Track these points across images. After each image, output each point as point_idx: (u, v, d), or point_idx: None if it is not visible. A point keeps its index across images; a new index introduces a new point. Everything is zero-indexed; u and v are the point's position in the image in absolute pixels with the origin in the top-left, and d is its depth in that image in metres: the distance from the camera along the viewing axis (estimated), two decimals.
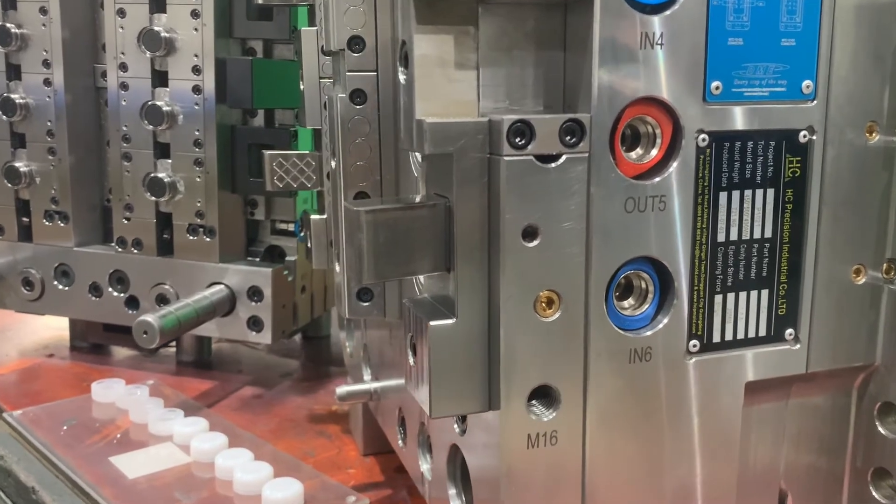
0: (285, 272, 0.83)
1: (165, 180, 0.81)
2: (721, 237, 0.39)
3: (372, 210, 0.34)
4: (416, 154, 0.45)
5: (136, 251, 0.84)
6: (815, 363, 0.41)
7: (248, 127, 0.81)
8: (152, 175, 0.81)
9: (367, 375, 0.65)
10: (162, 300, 0.83)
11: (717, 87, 0.37)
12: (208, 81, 0.78)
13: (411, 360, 0.38)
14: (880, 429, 0.43)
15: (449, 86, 0.35)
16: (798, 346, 0.41)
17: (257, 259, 0.85)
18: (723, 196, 0.38)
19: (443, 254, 0.36)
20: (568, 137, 0.35)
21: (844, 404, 0.44)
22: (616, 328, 0.37)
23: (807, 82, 0.38)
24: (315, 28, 0.64)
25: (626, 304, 0.38)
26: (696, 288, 0.39)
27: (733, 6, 0.36)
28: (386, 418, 0.59)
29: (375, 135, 0.51)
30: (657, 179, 0.37)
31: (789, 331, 0.41)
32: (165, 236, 0.84)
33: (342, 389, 0.61)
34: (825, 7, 0.38)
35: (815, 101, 0.39)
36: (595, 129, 0.35)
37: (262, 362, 0.94)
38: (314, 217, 0.68)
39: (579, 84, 0.36)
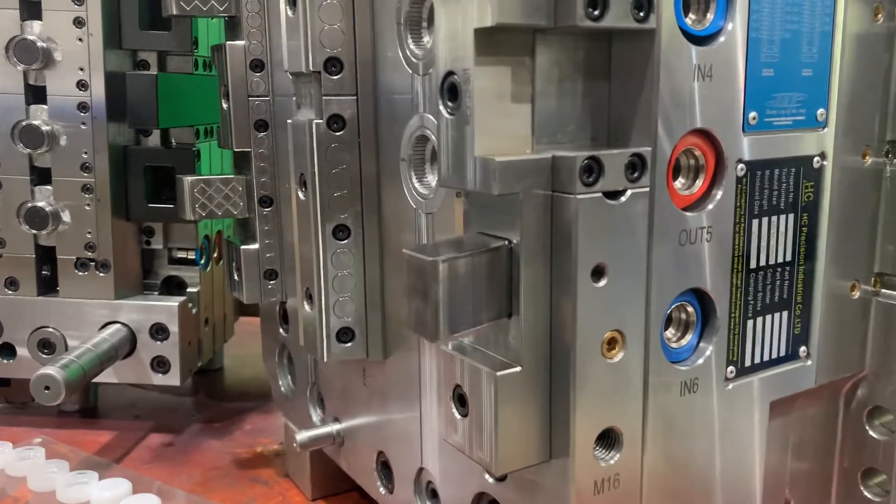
0: (190, 305, 0.76)
1: (46, 209, 0.71)
2: (753, 263, 0.39)
3: (448, 259, 0.31)
4: (425, 192, 0.42)
5: (10, 291, 0.73)
6: (822, 376, 0.43)
7: (143, 147, 0.73)
8: (30, 205, 0.71)
9: (315, 416, 0.61)
10: (45, 346, 0.73)
11: (753, 118, 0.37)
12: (97, 98, 0.69)
13: (458, 415, 0.36)
14: (870, 432, 0.46)
15: (505, 120, 0.33)
16: (809, 361, 0.43)
17: (155, 292, 0.77)
18: (755, 223, 0.39)
19: (506, 299, 0.34)
20: (631, 172, 0.34)
21: (833, 410, 0.47)
22: (669, 362, 0.37)
23: (821, 110, 0.40)
24: (242, 42, 0.59)
25: (669, 335, 0.38)
26: (732, 315, 0.39)
27: (767, 38, 0.37)
28: (355, 462, 0.55)
29: (356, 163, 0.47)
30: (705, 210, 0.37)
31: (803, 348, 0.42)
32: (45, 272, 0.74)
33: (303, 436, 0.56)
34: (836, 38, 0.39)
35: (825, 129, 0.40)
36: (654, 163, 0.34)
37: (158, 404, 0.85)
38: (245, 247, 0.62)
39: (631, 116, 0.35)
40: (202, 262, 0.78)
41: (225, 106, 0.61)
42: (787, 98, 0.38)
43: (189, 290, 0.77)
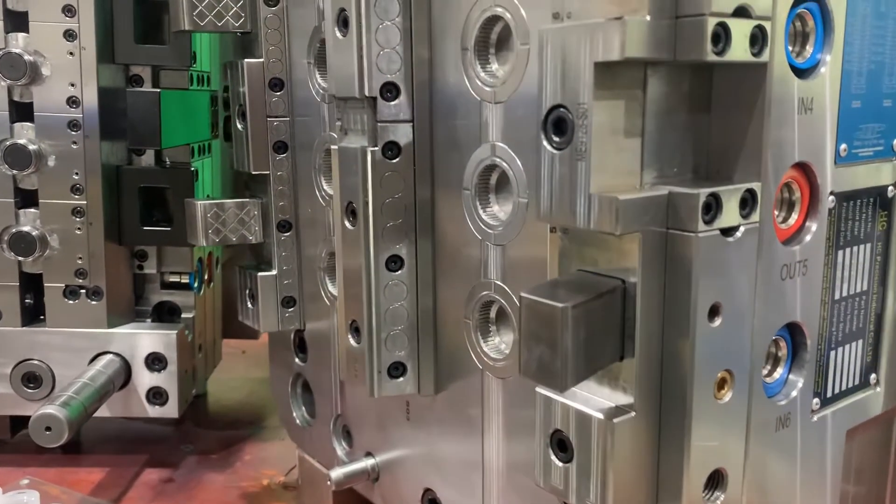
0: (186, 332, 0.72)
1: (33, 234, 0.66)
2: (837, 294, 0.39)
3: (577, 305, 0.30)
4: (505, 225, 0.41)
5: None
6: (888, 402, 0.44)
7: (137, 168, 0.69)
8: (14, 230, 0.66)
9: (340, 449, 0.59)
10: (30, 379, 0.69)
11: (844, 149, 0.37)
12: (89, 115, 0.65)
13: (558, 461, 0.34)
14: None
15: (618, 156, 0.32)
16: (879, 388, 0.43)
17: (148, 319, 0.73)
18: (840, 254, 0.39)
19: (619, 341, 0.33)
20: (742, 207, 0.33)
21: (888, 434, 0.47)
22: (767, 398, 0.36)
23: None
24: (260, 60, 0.56)
25: (763, 370, 0.37)
26: (819, 347, 0.39)
27: (857, 69, 0.37)
28: (395, 498, 0.53)
29: (411, 191, 0.45)
30: (802, 244, 0.36)
31: (873, 376, 0.43)
32: (28, 301, 0.69)
33: (338, 474, 0.54)
34: None
35: None
36: (763, 198, 0.34)
37: (144, 435, 0.81)
38: (262, 274, 0.59)
39: (737, 149, 0.34)
40: (196, 285, 0.74)
41: (240, 126, 0.58)
42: (870, 129, 0.38)
43: (184, 315, 0.74)
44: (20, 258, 0.67)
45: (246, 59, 0.56)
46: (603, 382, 0.34)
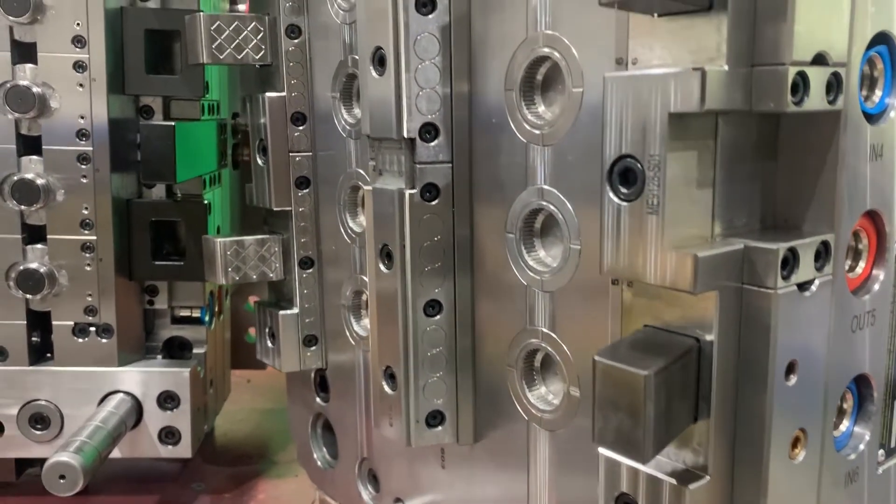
0: (199, 369, 0.70)
1: (41, 271, 0.64)
2: None
3: (658, 371, 0.28)
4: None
5: None
6: None
7: (149, 201, 0.67)
8: (21, 267, 0.64)
9: (366, 494, 0.57)
10: (38, 420, 0.66)
11: None
12: (100, 148, 0.63)
13: None
14: None
15: (690, 207, 0.31)
16: None
17: (158, 355, 0.71)
18: None
19: (694, 403, 0.31)
20: (816, 260, 0.32)
21: None
22: (836, 453, 0.35)
23: None
24: (282, 94, 0.55)
25: None
26: (884, 397, 0.37)
27: None
28: None
29: (450, 234, 0.43)
30: (871, 293, 0.35)
31: None
32: (35, 339, 0.67)
33: None
34: None
35: None
36: (834, 248, 0.32)
37: (150, 472, 0.78)
38: (283, 313, 0.58)
39: (807, 198, 0.33)
40: (207, 319, 0.72)
41: (261, 162, 0.57)
42: None
43: (195, 350, 0.72)
44: (28, 296, 0.64)
45: (267, 94, 0.55)
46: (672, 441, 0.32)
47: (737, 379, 0.31)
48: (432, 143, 0.42)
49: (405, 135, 0.41)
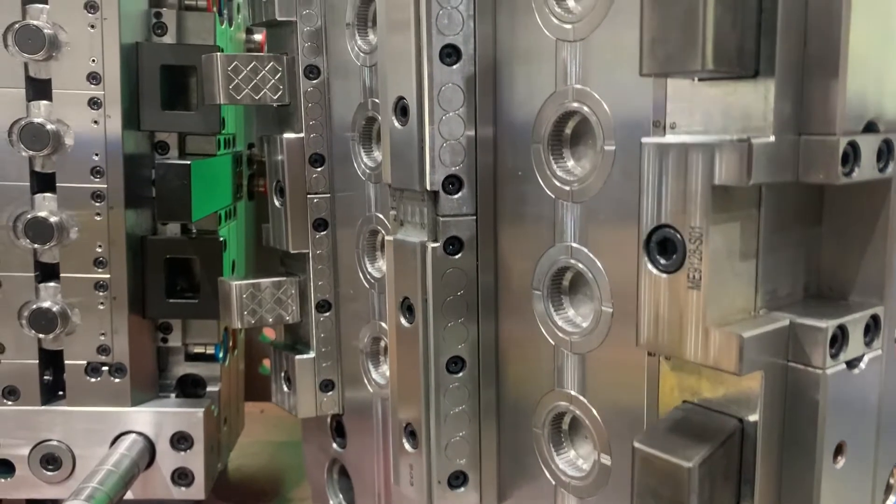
0: (213, 408, 0.69)
1: (53, 310, 0.63)
2: None
3: (703, 462, 0.27)
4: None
5: (9, 402, 0.64)
6: None
7: (164, 238, 0.66)
8: (35, 305, 0.63)
9: None
10: (49, 461, 0.65)
11: None
12: (114, 185, 0.62)
13: None
14: None
15: (733, 280, 0.29)
16: None
17: (171, 394, 0.69)
18: None
19: (736, 486, 0.29)
20: (865, 335, 0.30)
21: None
22: None
23: None
24: (300, 135, 0.53)
25: None
26: None
27: None
28: None
29: (474, 288, 0.42)
30: None
31: None
32: (47, 378, 0.66)
33: None
34: None
35: None
36: (883, 322, 0.31)
37: None
38: (300, 357, 0.56)
39: (852, 267, 0.31)
40: (221, 356, 0.71)
41: (278, 203, 0.55)
42: None
43: (209, 389, 0.70)
44: (40, 335, 0.63)
45: (285, 135, 0.53)
46: None
47: (781, 461, 0.30)
48: (456, 196, 0.41)
49: (428, 187, 0.40)
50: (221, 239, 0.67)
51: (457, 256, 0.41)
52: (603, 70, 0.35)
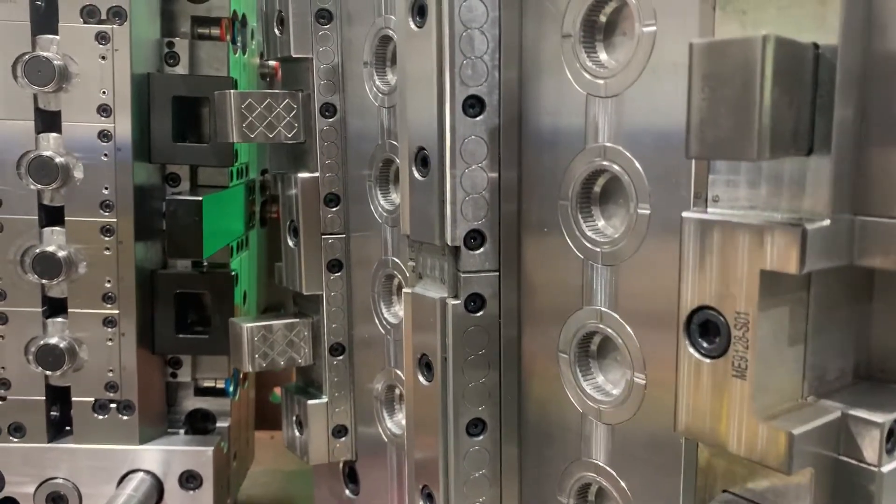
0: (222, 444, 0.67)
1: (61, 346, 0.61)
2: None
3: None
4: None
5: (15, 439, 0.63)
6: None
7: (174, 272, 0.64)
8: (42, 342, 0.61)
9: None
10: (55, 500, 0.64)
11: None
12: (123, 220, 0.60)
13: None
14: None
15: (780, 368, 0.27)
16: None
17: (180, 430, 0.68)
18: None
19: None
20: None
21: None
22: None
23: None
24: (315, 174, 0.52)
25: None
26: None
27: None
28: None
29: (496, 347, 0.40)
30: None
31: None
32: (53, 414, 0.64)
33: None
34: None
35: None
36: None
37: None
38: (311, 402, 0.54)
39: None
40: (232, 390, 0.69)
41: (292, 243, 0.54)
42: None
43: (219, 424, 0.69)
44: (48, 372, 0.62)
45: (300, 174, 0.52)
46: None
47: None
48: (478, 251, 0.39)
49: (449, 243, 0.38)
50: (233, 273, 0.65)
51: (479, 314, 0.39)
52: (637, 129, 0.33)
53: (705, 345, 0.27)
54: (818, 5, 0.25)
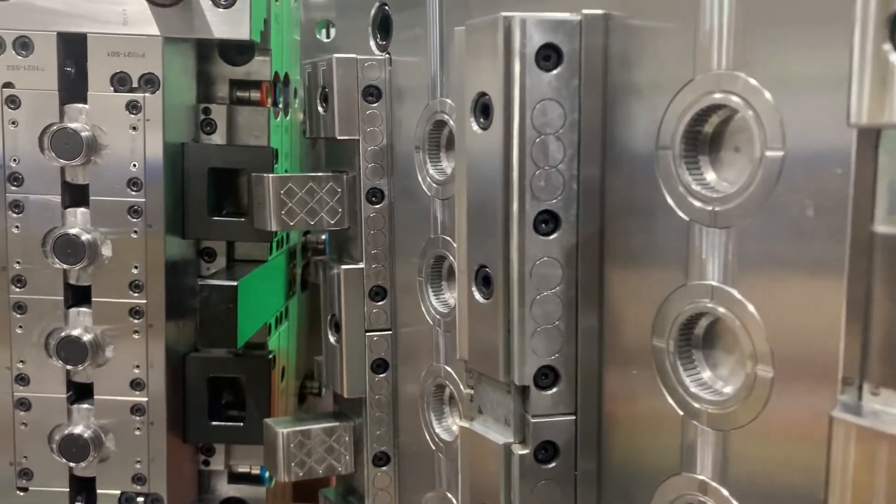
0: None
1: (85, 436, 0.57)
2: None
3: None
4: None
5: None
6: None
7: (207, 356, 0.59)
8: (66, 431, 0.57)
9: None
10: None
11: None
12: (154, 302, 0.56)
13: None
14: None
15: None
16: None
17: None
18: None
19: None
20: None
21: None
22: None
23: None
24: (360, 266, 0.46)
25: None
26: None
27: None
28: None
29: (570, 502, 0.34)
30: None
31: None
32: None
33: None
34: None
35: None
36: None
37: None
38: None
39: None
40: (267, 477, 0.64)
41: (333, 340, 0.48)
42: None
43: None
44: (71, 463, 0.57)
45: (343, 266, 0.46)
46: None
47: None
48: (550, 392, 0.33)
49: (516, 382, 0.32)
50: (271, 356, 0.60)
51: (550, 466, 0.33)
52: (754, 271, 0.27)
53: None
54: None
